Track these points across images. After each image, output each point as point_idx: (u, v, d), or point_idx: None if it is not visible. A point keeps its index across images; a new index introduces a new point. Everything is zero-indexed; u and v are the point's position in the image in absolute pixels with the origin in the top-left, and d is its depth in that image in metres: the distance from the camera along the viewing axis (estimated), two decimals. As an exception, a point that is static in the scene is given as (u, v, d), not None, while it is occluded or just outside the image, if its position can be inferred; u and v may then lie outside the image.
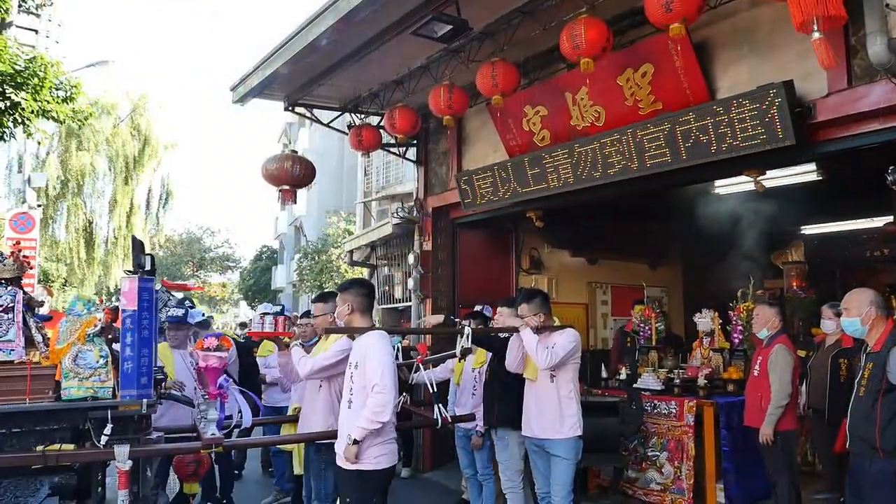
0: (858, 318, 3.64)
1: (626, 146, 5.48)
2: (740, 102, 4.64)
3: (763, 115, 4.53)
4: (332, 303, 4.38)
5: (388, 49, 6.02)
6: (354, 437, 3.42)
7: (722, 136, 4.81)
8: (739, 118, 4.67)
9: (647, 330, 7.31)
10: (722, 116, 4.76)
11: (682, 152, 5.11)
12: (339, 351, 4.06)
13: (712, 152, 4.92)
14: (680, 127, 5.05)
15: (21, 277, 3.50)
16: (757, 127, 4.59)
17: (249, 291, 32.88)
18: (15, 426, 3.14)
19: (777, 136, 4.52)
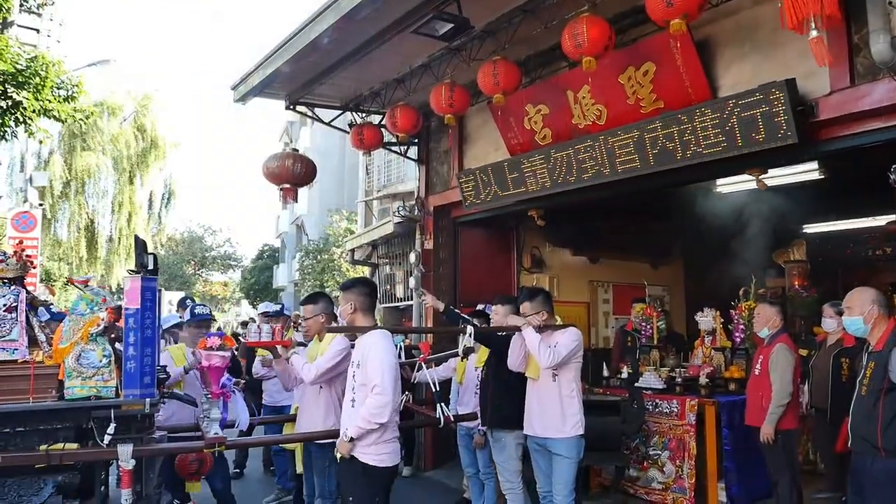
0: (861, 317, 3.64)
1: (627, 145, 5.47)
2: (742, 101, 4.64)
3: (765, 113, 4.52)
4: (322, 303, 4.44)
5: (390, 48, 6.01)
6: (350, 435, 3.43)
7: (724, 135, 4.80)
8: (741, 116, 4.66)
9: (649, 329, 7.31)
10: (724, 115, 4.76)
11: (683, 151, 5.10)
12: (338, 351, 4.09)
13: (714, 151, 4.92)
14: (681, 125, 5.05)
15: (24, 277, 3.51)
16: (759, 125, 4.59)
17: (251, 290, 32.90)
18: (18, 425, 3.15)
19: (779, 134, 4.51)
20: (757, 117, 4.58)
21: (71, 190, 21.38)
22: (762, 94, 4.52)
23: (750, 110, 4.60)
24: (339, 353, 4.08)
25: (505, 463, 4.92)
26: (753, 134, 4.64)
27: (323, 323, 4.35)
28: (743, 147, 4.75)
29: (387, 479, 3.55)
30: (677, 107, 5.19)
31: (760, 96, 4.53)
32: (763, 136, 4.60)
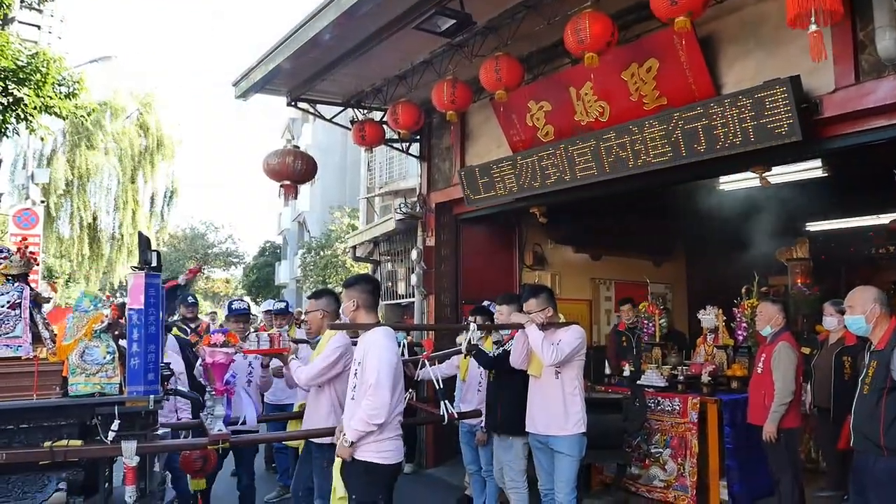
0: (863, 316, 3.63)
1: (631, 142, 5.46)
2: (746, 98, 4.63)
3: (769, 110, 4.51)
4: (324, 300, 4.45)
5: (391, 44, 6.00)
6: (349, 439, 3.40)
7: (727, 132, 4.80)
8: (745, 114, 4.65)
9: (651, 326, 7.30)
10: (727, 112, 4.75)
11: (687, 148, 5.10)
12: (334, 349, 4.07)
13: (717, 148, 4.91)
14: (685, 122, 5.04)
15: (28, 274, 3.51)
16: (763, 122, 4.57)
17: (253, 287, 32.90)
18: (22, 422, 3.15)
19: (783, 131, 4.50)
20: (761, 114, 4.57)
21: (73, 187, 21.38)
22: (766, 92, 4.51)
23: (754, 107, 4.59)
24: (335, 351, 4.06)
25: (511, 462, 4.93)
26: (757, 131, 4.64)
27: (322, 319, 4.35)
28: (746, 144, 4.74)
29: (390, 477, 3.53)
30: (680, 104, 5.18)
31: (764, 93, 4.52)
32: (767, 134, 4.59)
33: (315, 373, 4.06)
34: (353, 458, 3.45)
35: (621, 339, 7.55)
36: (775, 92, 4.46)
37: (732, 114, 4.73)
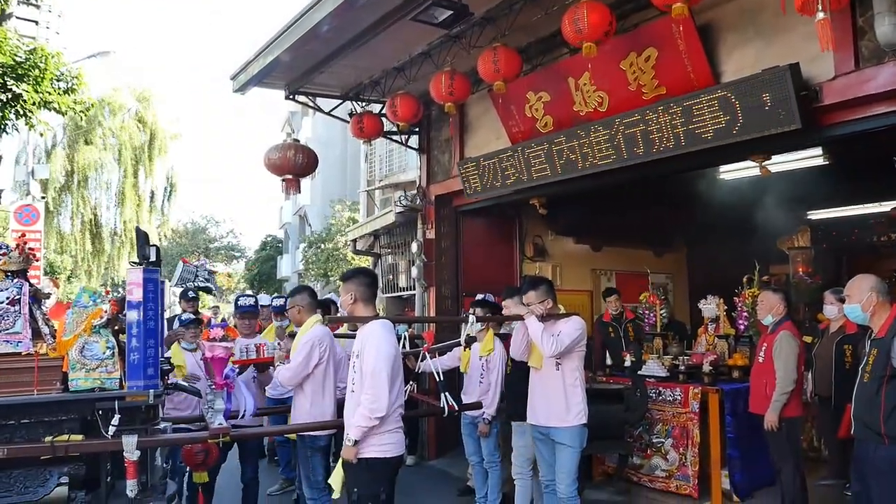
0: (859, 305, 3.63)
1: (630, 131, 5.44)
2: (745, 86, 4.61)
3: (768, 98, 4.49)
4: (300, 296, 4.71)
5: (389, 35, 5.98)
6: (354, 438, 3.40)
7: (726, 121, 4.77)
8: (744, 102, 4.63)
9: (652, 317, 7.30)
10: (726, 100, 4.73)
11: (686, 137, 5.08)
12: (303, 344, 4.35)
13: (717, 137, 4.89)
14: (684, 111, 5.02)
15: (27, 270, 3.51)
16: (762, 111, 4.55)
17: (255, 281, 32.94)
18: (23, 417, 3.17)
19: (783, 119, 4.48)
20: (760, 103, 4.54)
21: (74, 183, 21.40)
22: (765, 79, 4.48)
23: (753, 96, 4.57)
24: (303, 347, 4.32)
25: (521, 448, 4.98)
26: (756, 119, 4.61)
27: (299, 314, 4.61)
28: (746, 133, 4.72)
29: (391, 470, 3.53)
30: (679, 93, 5.15)
31: (764, 81, 4.49)
32: (766, 122, 4.57)
33: (292, 372, 4.31)
34: None
35: (607, 329, 7.54)
36: (774, 80, 4.44)
37: (732, 102, 4.70)
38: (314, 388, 4.38)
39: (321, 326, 4.49)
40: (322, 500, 4.45)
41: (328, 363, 4.41)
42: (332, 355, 4.46)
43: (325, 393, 4.41)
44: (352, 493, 3.44)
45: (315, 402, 4.37)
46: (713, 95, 4.82)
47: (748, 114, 4.64)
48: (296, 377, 4.31)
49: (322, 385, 4.40)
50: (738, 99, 4.65)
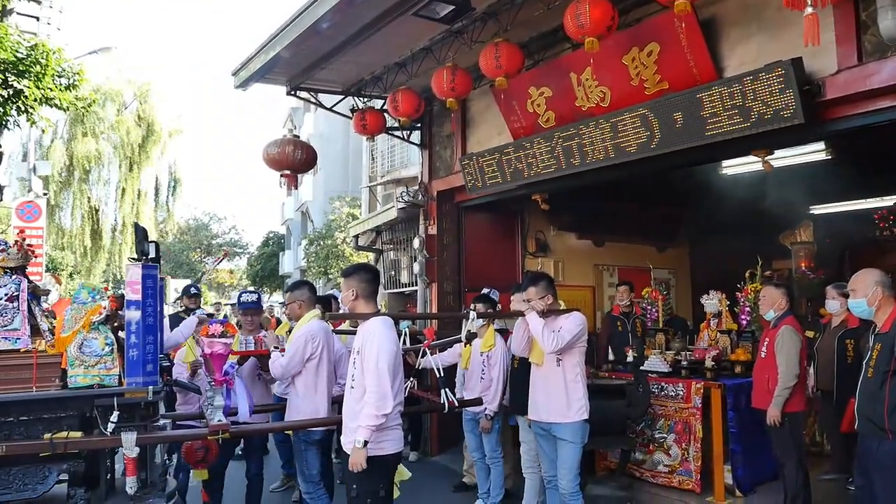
0: (864, 299, 3.62)
1: (632, 127, 5.42)
2: (748, 81, 4.58)
3: (771, 93, 4.46)
4: (298, 291, 4.75)
5: (390, 31, 5.96)
6: (363, 439, 3.35)
7: (729, 116, 4.75)
8: (747, 97, 4.60)
9: (654, 312, 7.28)
10: (729, 95, 4.70)
11: (688, 132, 5.05)
12: (297, 338, 4.41)
13: (719, 132, 4.86)
14: (686, 107, 4.99)
15: (26, 266, 3.51)
16: (765, 106, 4.53)
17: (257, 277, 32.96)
18: (22, 414, 3.17)
19: (785, 114, 4.45)
20: (763, 97, 4.52)
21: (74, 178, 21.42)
22: (768, 74, 4.46)
23: (756, 90, 4.54)
24: (297, 340, 4.38)
25: (532, 441, 4.96)
26: (759, 114, 4.59)
27: (299, 309, 4.66)
28: (749, 128, 4.69)
29: (390, 467, 3.52)
30: (682, 88, 5.13)
31: (766, 76, 4.46)
32: (769, 117, 4.54)
33: (282, 368, 4.35)
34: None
35: (616, 323, 7.51)
36: (777, 74, 4.41)
37: (734, 97, 4.68)
38: (306, 383, 4.42)
39: (318, 322, 4.51)
40: (317, 494, 4.47)
41: (320, 359, 4.43)
42: (326, 351, 4.48)
43: (317, 389, 4.43)
44: (350, 490, 3.42)
45: (306, 398, 4.40)
46: (715, 90, 4.79)
47: (751, 108, 4.61)
48: (287, 371, 4.37)
49: (314, 381, 4.43)
50: (741, 94, 4.63)
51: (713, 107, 4.82)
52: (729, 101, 4.71)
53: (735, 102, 4.68)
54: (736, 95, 4.66)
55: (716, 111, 4.81)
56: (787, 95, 4.40)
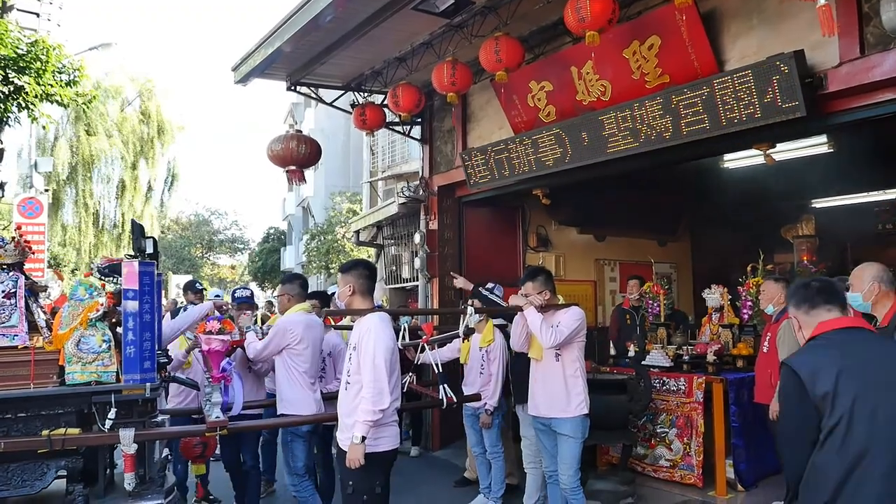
0: (860, 294, 3.59)
1: (633, 121, 5.39)
2: (749, 73, 4.55)
3: (773, 86, 4.43)
4: (289, 285, 4.87)
5: (390, 25, 5.93)
6: (360, 435, 3.33)
7: (731, 109, 4.72)
8: (748, 90, 4.57)
9: (656, 307, 7.25)
10: (731, 88, 4.67)
11: (689, 126, 5.02)
12: (275, 326, 4.60)
13: (721, 125, 4.84)
14: (687, 100, 4.96)
15: (23, 263, 3.49)
16: (766, 99, 4.50)
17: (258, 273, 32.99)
18: (20, 411, 3.16)
19: (787, 107, 4.43)
20: (764, 90, 4.49)
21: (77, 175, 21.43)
22: (770, 67, 4.43)
23: (757, 83, 4.51)
24: (275, 328, 4.55)
25: (532, 437, 4.97)
26: (761, 107, 4.56)
27: (288, 302, 4.76)
28: (750, 121, 4.67)
29: (386, 464, 3.51)
30: (683, 81, 5.10)
31: (768, 69, 4.43)
32: (770, 110, 4.51)
33: (259, 349, 4.51)
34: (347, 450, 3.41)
35: (625, 317, 7.49)
36: (779, 67, 4.38)
37: (735, 90, 4.65)
38: (285, 374, 4.50)
39: (302, 314, 4.59)
40: (303, 486, 4.51)
41: (299, 352, 4.50)
42: (309, 344, 4.54)
43: (298, 380, 4.49)
44: (346, 487, 3.41)
45: (290, 387, 4.48)
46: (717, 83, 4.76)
47: (752, 102, 4.58)
48: (259, 355, 4.53)
49: (295, 372, 4.49)
50: (743, 87, 4.60)
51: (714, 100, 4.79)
52: (730, 94, 4.68)
53: (736, 95, 4.65)
54: (737, 88, 4.63)
55: (717, 104, 4.78)
56: (788, 88, 4.37)
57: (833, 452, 2.12)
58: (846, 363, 2.21)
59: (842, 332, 2.36)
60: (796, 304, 2.52)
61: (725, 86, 4.70)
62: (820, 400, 2.16)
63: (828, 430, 2.14)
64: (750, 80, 4.55)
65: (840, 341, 2.32)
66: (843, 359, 2.23)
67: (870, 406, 2.11)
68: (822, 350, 2.33)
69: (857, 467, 2.08)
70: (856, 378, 2.16)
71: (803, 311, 2.49)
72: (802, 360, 2.32)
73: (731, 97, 4.69)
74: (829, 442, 2.14)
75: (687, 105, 4.97)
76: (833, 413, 2.13)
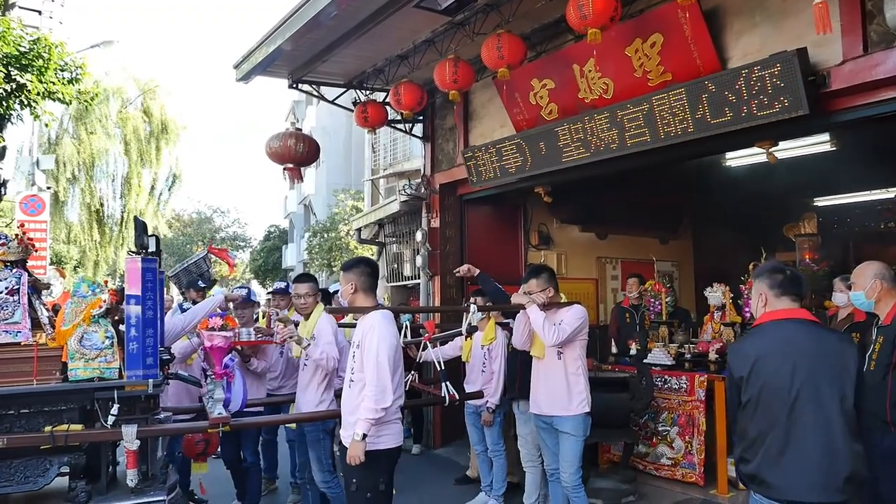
0: (863, 292, 3.60)
1: (636, 118, 5.38)
2: (752, 71, 4.54)
3: (776, 84, 4.43)
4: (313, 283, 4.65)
5: (392, 23, 5.93)
6: (362, 432, 3.34)
7: (733, 107, 4.71)
8: (751, 88, 4.56)
9: (658, 305, 7.25)
10: (733, 86, 4.66)
11: (692, 124, 5.02)
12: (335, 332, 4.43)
13: (723, 123, 4.83)
14: (690, 98, 4.95)
15: (26, 260, 3.50)
16: (769, 97, 4.49)
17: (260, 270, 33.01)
18: (23, 407, 3.17)
19: (790, 105, 4.42)
20: (767, 88, 4.48)
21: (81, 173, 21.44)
22: (773, 65, 4.42)
23: (760, 81, 4.51)
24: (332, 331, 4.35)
25: (528, 436, 4.97)
26: (764, 105, 4.55)
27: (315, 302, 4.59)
28: (753, 119, 4.66)
29: (390, 462, 3.51)
30: (686, 79, 5.09)
31: (771, 67, 4.43)
32: (774, 108, 4.50)
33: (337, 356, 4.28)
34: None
35: (625, 315, 7.48)
36: (782, 65, 4.37)
37: (738, 88, 4.64)
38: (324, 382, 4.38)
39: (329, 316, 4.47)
40: (334, 482, 4.44)
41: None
42: None
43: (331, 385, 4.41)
44: (350, 485, 3.41)
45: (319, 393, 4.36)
46: (719, 81, 4.76)
47: (755, 100, 4.57)
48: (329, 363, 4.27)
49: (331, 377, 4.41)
50: (745, 85, 4.59)
51: (717, 98, 4.78)
52: (732, 92, 4.67)
53: (739, 93, 4.64)
54: (740, 86, 4.62)
55: (720, 102, 4.77)
56: (791, 86, 4.36)
57: (748, 419, 2.72)
58: (763, 352, 2.71)
59: (781, 322, 2.78)
60: (770, 285, 2.85)
61: (728, 83, 4.69)
62: (738, 380, 2.75)
63: (743, 404, 2.73)
64: (753, 77, 4.54)
65: (777, 329, 2.77)
66: (763, 348, 2.74)
67: (781, 387, 2.63)
68: (751, 340, 2.89)
69: (769, 432, 2.64)
70: (771, 367, 2.67)
71: (773, 294, 2.84)
72: (734, 348, 3.00)
73: (733, 95, 4.68)
74: (745, 411, 2.74)
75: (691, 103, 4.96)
76: (745, 393, 2.72)
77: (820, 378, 2.62)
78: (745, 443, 2.73)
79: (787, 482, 2.58)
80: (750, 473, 2.70)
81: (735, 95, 4.67)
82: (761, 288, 2.88)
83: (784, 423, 2.60)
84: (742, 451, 2.74)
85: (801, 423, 2.59)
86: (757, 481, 2.67)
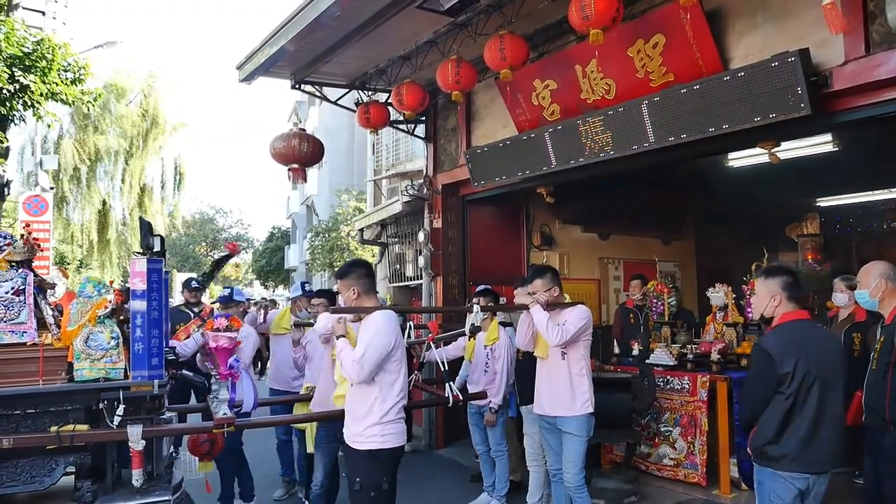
0: (867, 291, 3.62)
1: (639, 118, 5.39)
2: (754, 72, 4.54)
3: (778, 84, 4.43)
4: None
5: (395, 24, 5.93)
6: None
7: (735, 107, 4.72)
8: (753, 88, 4.57)
9: (660, 305, 7.26)
10: (735, 87, 4.67)
11: (695, 124, 5.02)
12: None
13: (725, 124, 4.83)
14: (692, 98, 4.96)
15: (32, 260, 3.51)
16: (771, 97, 4.49)
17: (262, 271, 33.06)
18: (29, 407, 3.17)
19: (792, 106, 4.42)
20: (769, 89, 4.48)
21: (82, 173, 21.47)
22: (775, 65, 4.42)
23: (762, 82, 4.51)
24: None
25: (535, 435, 4.96)
26: (766, 106, 4.55)
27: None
28: (755, 119, 4.66)
29: (393, 461, 3.52)
30: (688, 79, 5.10)
31: (773, 67, 4.43)
32: (776, 108, 4.51)
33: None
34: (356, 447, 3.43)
35: (628, 316, 7.49)
36: (784, 65, 4.38)
37: (741, 89, 4.64)
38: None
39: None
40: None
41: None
42: None
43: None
44: (353, 484, 3.42)
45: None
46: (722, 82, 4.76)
47: (757, 100, 4.58)
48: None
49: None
50: (748, 85, 4.59)
51: (719, 98, 4.79)
52: (735, 92, 4.68)
53: (741, 94, 4.64)
54: (742, 87, 4.63)
55: (722, 103, 4.78)
56: (794, 86, 4.36)
57: (782, 409, 3.06)
58: (799, 349, 3.05)
59: (798, 323, 3.17)
60: (783, 286, 3.21)
61: (730, 84, 4.70)
62: (783, 376, 3.03)
63: (783, 395, 3.05)
64: (755, 78, 4.54)
65: (799, 330, 3.15)
66: (798, 345, 3.07)
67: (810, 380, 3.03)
68: (786, 337, 3.14)
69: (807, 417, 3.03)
70: (805, 363, 3.02)
71: (786, 295, 3.21)
72: (773, 343, 3.13)
73: (736, 95, 4.68)
74: (780, 400, 3.06)
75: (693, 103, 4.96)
76: (789, 387, 3.03)
77: (832, 370, 3.08)
78: (776, 427, 3.06)
79: (815, 458, 3.03)
80: (780, 454, 3.06)
81: (737, 96, 4.68)
82: (774, 289, 3.21)
83: (815, 407, 3.02)
84: (773, 435, 3.07)
85: (826, 408, 3.04)
86: (788, 460, 3.05)
